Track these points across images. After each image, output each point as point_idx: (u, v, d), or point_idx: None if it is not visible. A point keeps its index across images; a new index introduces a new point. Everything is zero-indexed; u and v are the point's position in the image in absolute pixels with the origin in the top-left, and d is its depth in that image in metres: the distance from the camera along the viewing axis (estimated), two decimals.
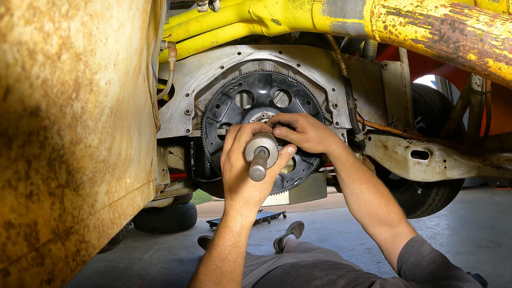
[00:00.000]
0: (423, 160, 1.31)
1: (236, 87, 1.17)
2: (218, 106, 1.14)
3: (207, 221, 4.14)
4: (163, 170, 1.34)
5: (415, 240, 0.86)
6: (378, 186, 0.90)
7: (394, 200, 0.91)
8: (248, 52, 1.20)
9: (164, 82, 1.20)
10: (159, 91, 1.13)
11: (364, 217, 0.91)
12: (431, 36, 0.56)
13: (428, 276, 0.78)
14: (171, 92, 1.16)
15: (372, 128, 1.28)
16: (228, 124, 1.17)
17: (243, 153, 0.66)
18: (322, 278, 0.89)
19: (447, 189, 1.65)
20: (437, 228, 2.95)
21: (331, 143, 0.87)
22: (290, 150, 0.69)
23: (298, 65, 1.21)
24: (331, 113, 1.24)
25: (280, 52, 1.21)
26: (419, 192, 1.69)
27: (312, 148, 0.86)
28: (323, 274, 0.91)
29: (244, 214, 0.67)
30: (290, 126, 0.90)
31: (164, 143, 1.52)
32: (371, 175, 0.91)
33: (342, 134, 1.27)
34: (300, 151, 0.91)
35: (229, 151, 0.69)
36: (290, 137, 0.85)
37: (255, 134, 0.70)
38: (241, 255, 0.68)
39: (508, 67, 0.49)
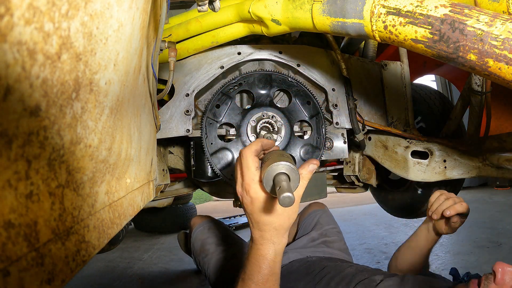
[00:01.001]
0: (423, 160, 1.31)
1: (236, 87, 1.17)
2: (218, 106, 1.14)
3: None
4: (163, 170, 1.34)
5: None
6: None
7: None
8: (248, 52, 1.20)
9: (164, 82, 1.20)
10: (159, 91, 1.13)
11: (404, 268, 1.10)
12: (431, 36, 0.56)
13: None
14: (171, 92, 1.16)
15: (372, 128, 1.28)
16: (228, 124, 1.17)
17: (260, 181, 0.60)
18: (351, 267, 0.98)
19: (447, 189, 1.65)
20: None
21: None
22: (311, 167, 0.62)
23: (298, 65, 1.21)
24: (331, 113, 1.24)
25: (280, 52, 1.21)
26: (419, 192, 1.69)
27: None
28: (347, 265, 1.00)
29: (277, 241, 0.64)
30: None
31: (164, 143, 1.52)
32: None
33: (342, 134, 1.27)
34: None
35: (243, 184, 0.63)
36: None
37: (266, 155, 0.65)
38: (277, 281, 0.66)
39: (508, 67, 0.49)
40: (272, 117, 1.15)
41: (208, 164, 1.17)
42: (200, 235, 1.46)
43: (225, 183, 1.18)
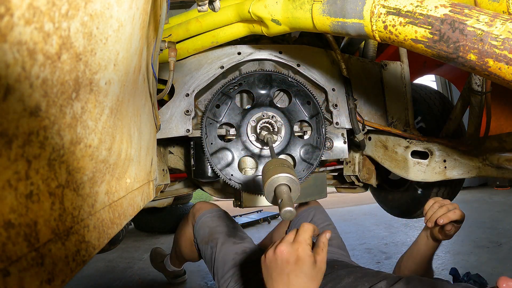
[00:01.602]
0: (423, 160, 1.31)
1: (236, 87, 1.17)
2: (218, 106, 1.14)
3: None
4: (163, 170, 1.34)
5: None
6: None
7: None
8: (248, 52, 1.20)
9: (164, 82, 1.20)
10: (159, 91, 1.13)
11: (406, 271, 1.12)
12: (431, 36, 0.56)
13: None
14: (171, 92, 1.16)
15: (372, 128, 1.28)
16: (228, 124, 1.17)
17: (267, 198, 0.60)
18: (349, 276, 0.97)
19: (447, 189, 1.65)
20: None
21: None
22: (328, 235, 0.70)
23: (298, 65, 1.21)
24: (331, 113, 1.24)
25: (280, 52, 1.21)
26: (419, 192, 1.69)
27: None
28: (345, 273, 0.99)
29: None
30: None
31: (164, 143, 1.52)
32: None
33: (342, 134, 1.27)
34: None
35: (275, 248, 0.66)
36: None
37: (266, 165, 0.64)
38: None
39: (508, 67, 0.49)
40: (272, 117, 1.15)
41: (208, 164, 1.17)
42: (210, 221, 1.39)
43: (225, 183, 1.18)
